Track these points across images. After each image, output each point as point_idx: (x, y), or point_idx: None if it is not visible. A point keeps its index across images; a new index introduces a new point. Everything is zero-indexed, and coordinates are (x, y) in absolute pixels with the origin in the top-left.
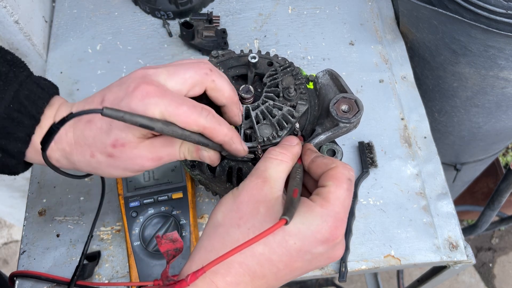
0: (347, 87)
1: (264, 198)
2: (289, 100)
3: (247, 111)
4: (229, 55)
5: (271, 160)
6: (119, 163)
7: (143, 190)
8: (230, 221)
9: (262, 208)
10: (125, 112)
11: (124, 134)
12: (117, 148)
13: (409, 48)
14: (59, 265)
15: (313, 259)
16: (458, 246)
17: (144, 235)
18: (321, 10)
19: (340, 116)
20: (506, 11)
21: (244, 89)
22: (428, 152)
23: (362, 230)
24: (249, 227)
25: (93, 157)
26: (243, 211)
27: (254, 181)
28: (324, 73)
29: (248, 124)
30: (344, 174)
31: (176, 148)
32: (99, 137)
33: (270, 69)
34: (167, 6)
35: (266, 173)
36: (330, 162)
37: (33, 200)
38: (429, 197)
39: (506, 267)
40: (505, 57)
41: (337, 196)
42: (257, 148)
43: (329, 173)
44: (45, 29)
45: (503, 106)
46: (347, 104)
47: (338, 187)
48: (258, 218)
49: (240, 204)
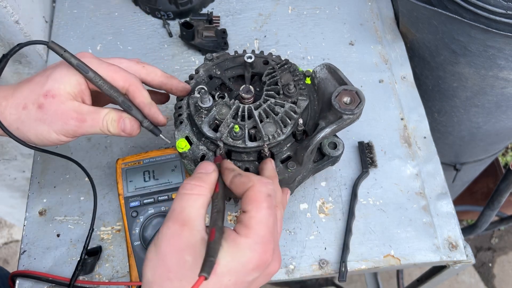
0: (346, 79)
1: (187, 244)
2: (289, 97)
3: (249, 111)
4: (224, 56)
5: (187, 197)
6: (46, 117)
7: (143, 190)
8: (160, 277)
9: (187, 256)
10: (66, 50)
11: (57, 85)
12: (48, 98)
13: (409, 48)
14: (59, 265)
15: (251, 285)
16: (458, 246)
17: (144, 235)
18: (321, 10)
19: (343, 108)
20: (506, 11)
21: (244, 89)
22: (428, 152)
23: (362, 230)
24: (180, 279)
25: (25, 108)
26: (169, 264)
27: (172, 227)
28: (322, 67)
29: (251, 123)
30: (262, 192)
31: (101, 115)
32: (35, 88)
33: (266, 67)
34: (167, 6)
35: (183, 214)
36: (247, 180)
37: (33, 200)
38: (428, 197)
39: (505, 267)
40: (504, 57)
41: (259, 219)
42: (263, 147)
43: (247, 195)
44: (45, 29)
45: (503, 106)
46: (349, 96)
47: (258, 209)
48: (187, 267)
49: (164, 257)
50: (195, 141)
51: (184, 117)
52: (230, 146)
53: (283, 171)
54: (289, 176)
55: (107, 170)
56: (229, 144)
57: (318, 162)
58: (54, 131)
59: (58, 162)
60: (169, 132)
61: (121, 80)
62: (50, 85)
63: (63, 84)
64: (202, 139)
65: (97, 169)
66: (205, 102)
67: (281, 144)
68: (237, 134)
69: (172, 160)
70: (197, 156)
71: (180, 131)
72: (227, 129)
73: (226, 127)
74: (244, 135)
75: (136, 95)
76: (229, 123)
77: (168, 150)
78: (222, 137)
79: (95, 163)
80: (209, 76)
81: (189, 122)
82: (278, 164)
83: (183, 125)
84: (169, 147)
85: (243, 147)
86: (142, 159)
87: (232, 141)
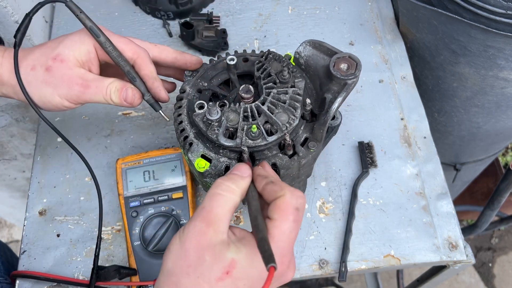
0: (334, 48)
1: (209, 243)
2: (286, 83)
3: (257, 108)
4: (203, 67)
5: (219, 197)
6: (52, 80)
7: (143, 190)
8: (180, 269)
9: (207, 255)
10: (83, 11)
11: (67, 51)
12: (56, 62)
13: (409, 48)
14: (59, 265)
15: None
16: (458, 246)
17: (144, 235)
18: (321, 10)
19: (345, 74)
20: (505, 11)
21: (243, 89)
22: (428, 152)
23: (362, 230)
24: (198, 276)
25: (33, 70)
26: (190, 259)
27: (199, 225)
28: (305, 46)
29: (262, 119)
30: (291, 204)
31: (105, 83)
32: (46, 51)
33: (248, 65)
34: (167, 6)
35: (211, 214)
36: (279, 189)
37: (33, 200)
38: (428, 197)
39: (505, 267)
40: (504, 57)
41: (282, 231)
42: (285, 136)
43: (276, 203)
44: (45, 29)
45: (503, 106)
46: (344, 62)
47: (284, 220)
48: (205, 266)
49: (187, 252)
50: (213, 156)
51: (192, 137)
52: (252, 147)
53: (307, 153)
54: (313, 156)
55: (107, 170)
56: (250, 146)
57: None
58: (58, 94)
59: (58, 162)
60: (169, 132)
61: (130, 51)
62: (60, 50)
63: (73, 51)
64: (220, 151)
65: (97, 169)
66: (214, 114)
67: (296, 128)
68: (255, 134)
69: (172, 160)
70: (220, 170)
71: (193, 153)
72: (243, 133)
73: (241, 131)
74: (262, 131)
75: (142, 67)
76: (243, 126)
77: (168, 150)
78: (242, 142)
79: (95, 163)
80: (197, 90)
81: (200, 140)
82: (301, 149)
83: (194, 145)
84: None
85: (264, 144)
86: (142, 159)
87: (253, 142)
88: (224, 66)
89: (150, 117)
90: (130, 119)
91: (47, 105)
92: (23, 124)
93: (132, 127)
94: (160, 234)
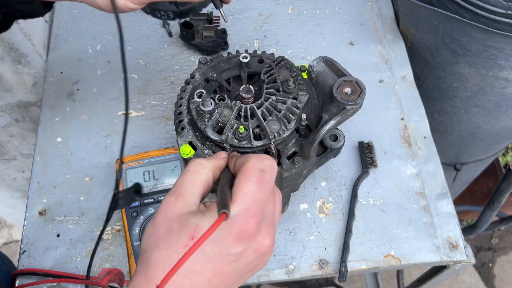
0: (345, 70)
1: (177, 214)
2: (289, 93)
3: (251, 110)
4: (218, 59)
5: (188, 173)
6: None
7: (143, 190)
8: (151, 244)
9: (175, 225)
10: None
11: None
12: None
13: (409, 48)
14: (59, 265)
15: (239, 259)
16: (458, 246)
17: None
18: (321, 10)
19: (346, 99)
20: (506, 11)
21: (244, 89)
22: (428, 152)
23: (362, 230)
24: (166, 247)
25: None
26: (159, 232)
27: (168, 199)
28: (319, 61)
29: (254, 123)
30: (255, 167)
31: None
32: None
33: (262, 66)
34: (167, 6)
35: (181, 188)
36: (245, 158)
37: (33, 200)
38: (429, 197)
39: (506, 267)
40: (505, 57)
41: (244, 192)
42: (270, 145)
43: (241, 169)
44: (45, 29)
45: (503, 106)
46: (350, 86)
47: (246, 182)
48: (173, 235)
49: (157, 226)
50: (199, 145)
51: (186, 123)
52: (236, 147)
53: (291, 167)
54: (297, 172)
55: (107, 170)
56: (235, 145)
57: (321, 155)
58: None
59: (58, 162)
60: (169, 132)
61: None
62: None
63: None
64: (206, 143)
65: (97, 169)
66: (207, 105)
67: (286, 140)
68: (242, 135)
69: (172, 160)
70: None
71: (182, 137)
72: (231, 131)
73: (230, 129)
74: (249, 135)
75: None
76: (233, 124)
77: (168, 150)
78: (228, 139)
79: (95, 163)
80: (205, 79)
81: (191, 127)
82: (285, 161)
83: (185, 130)
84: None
85: (249, 147)
86: (142, 159)
87: (238, 142)
88: (238, 62)
89: (150, 117)
90: (130, 119)
91: (110, 7)
92: (23, 124)
93: (132, 127)
94: None
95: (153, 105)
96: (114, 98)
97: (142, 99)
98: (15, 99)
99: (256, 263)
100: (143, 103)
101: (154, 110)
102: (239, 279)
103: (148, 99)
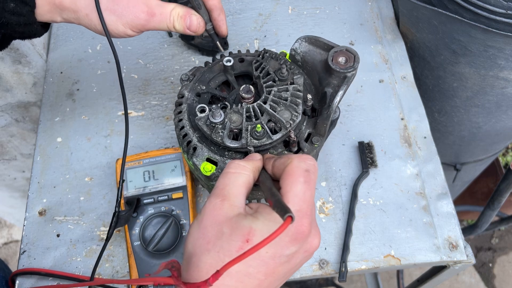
0: (330, 42)
1: (225, 217)
2: (285, 80)
3: (259, 106)
4: (200, 71)
5: (229, 175)
6: (117, 8)
7: (143, 190)
8: (200, 248)
9: (225, 228)
10: None
11: None
12: None
13: (409, 48)
14: (59, 265)
15: (291, 260)
16: (458, 246)
17: (144, 235)
18: (321, 10)
19: (344, 68)
20: (506, 11)
21: (244, 89)
22: (428, 152)
23: (362, 230)
24: (218, 250)
25: None
26: (208, 236)
27: (213, 201)
28: (301, 42)
29: (265, 118)
30: (299, 168)
31: (168, 9)
32: None
33: (244, 65)
34: None
35: (225, 190)
36: (286, 159)
37: (33, 200)
38: (429, 197)
39: (506, 267)
40: (505, 57)
41: (294, 193)
42: (290, 133)
43: (285, 171)
44: None
45: (503, 106)
46: (342, 55)
47: (294, 183)
48: (224, 239)
49: (204, 229)
50: (218, 158)
51: (196, 142)
52: (257, 147)
53: (311, 148)
54: (317, 151)
55: (107, 170)
56: (256, 145)
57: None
58: (122, 23)
59: (58, 162)
60: (169, 132)
61: None
62: None
63: None
64: (225, 153)
65: (97, 169)
66: (217, 117)
67: (299, 124)
68: (260, 133)
69: (172, 160)
70: None
71: (198, 157)
72: (247, 133)
73: (246, 132)
74: (266, 131)
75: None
76: (247, 126)
77: (168, 150)
78: (248, 142)
79: (95, 163)
80: (196, 94)
81: (204, 143)
82: (305, 144)
83: (199, 149)
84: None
85: (269, 143)
86: (142, 159)
87: (258, 142)
88: (221, 68)
89: (150, 117)
90: (130, 119)
91: (110, 33)
92: (23, 124)
93: (132, 127)
94: (160, 234)
95: (153, 105)
96: (114, 98)
97: (142, 99)
98: (15, 99)
99: (302, 262)
100: (143, 103)
101: (154, 110)
102: (286, 278)
103: (148, 99)
